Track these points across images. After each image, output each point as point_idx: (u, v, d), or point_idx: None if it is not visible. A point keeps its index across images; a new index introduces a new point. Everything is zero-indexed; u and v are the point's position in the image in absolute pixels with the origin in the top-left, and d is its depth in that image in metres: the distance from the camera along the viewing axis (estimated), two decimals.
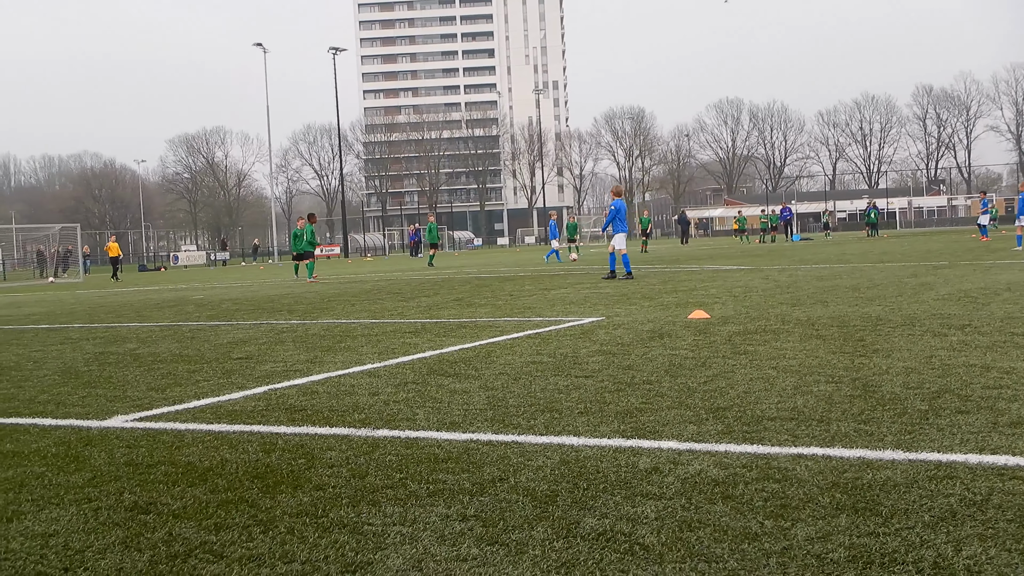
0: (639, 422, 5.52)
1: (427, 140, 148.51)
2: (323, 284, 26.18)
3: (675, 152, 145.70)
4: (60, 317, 17.67)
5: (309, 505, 4.14)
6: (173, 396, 7.34)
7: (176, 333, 12.84)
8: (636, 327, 10.57)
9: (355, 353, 9.49)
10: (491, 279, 23.88)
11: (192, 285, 32.10)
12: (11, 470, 5.09)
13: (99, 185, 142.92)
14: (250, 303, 18.84)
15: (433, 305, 15.65)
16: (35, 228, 76.74)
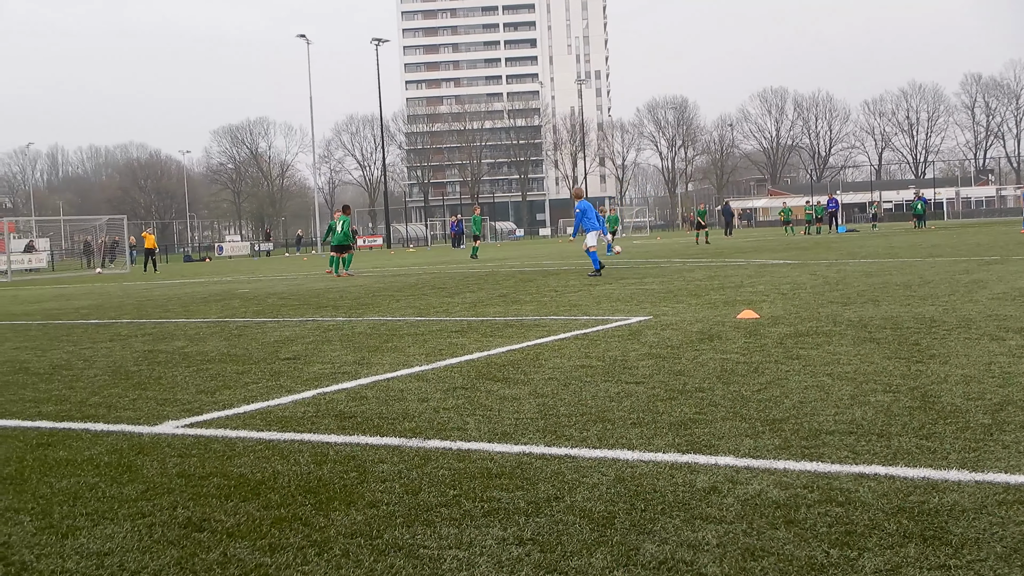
0: (694, 435, 5.43)
1: (469, 130, 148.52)
2: (364, 278, 26.23)
3: (718, 142, 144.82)
4: (109, 311, 17.82)
5: (363, 524, 4.10)
6: (223, 400, 7.35)
7: (223, 330, 12.89)
8: (684, 327, 10.45)
9: (402, 354, 9.46)
10: (534, 273, 23.80)
11: (237, 277, 32.32)
12: (65, 480, 5.10)
13: (145, 175, 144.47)
14: (295, 297, 18.90)
15: (478, 301, 15.60)
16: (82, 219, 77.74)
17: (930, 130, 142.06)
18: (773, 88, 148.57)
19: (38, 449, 5.90)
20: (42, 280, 42.55)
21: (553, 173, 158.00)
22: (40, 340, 12.79)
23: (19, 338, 13.27)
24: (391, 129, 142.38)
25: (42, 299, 24.05)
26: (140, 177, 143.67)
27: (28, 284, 37.55)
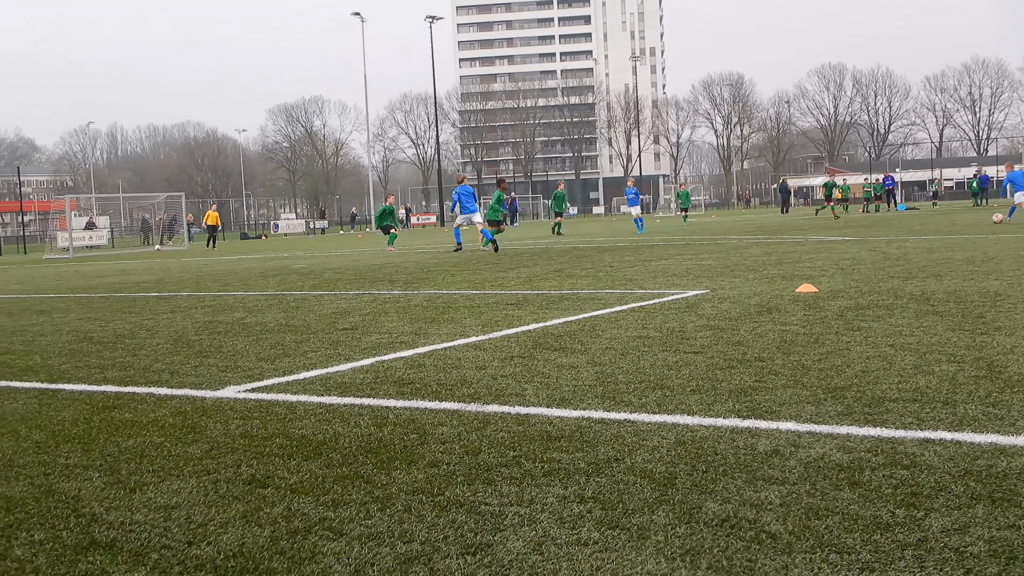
0: (754, 401, 5.39)
1: (522, 108, 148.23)
2: (419, 254, 26.33)
3: (775, 119, 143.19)
4: (169, 285, 18.08)
5: (424, 483, 4.13)
6: (283, 367, 7.43)
7: (281, 302, 13.03)
8: (742, 301, 10.37)
9: (459, 325, 9.49)
10: (589, 249, 23.74)
11: (293, 254, 32.62)
12: (131, 439, 5.19)
13: (202, 154, 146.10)
14: (351, 272, 19.04)
15: (533, 276, 15.61)
16: (141, 196, 78.88)
17: (993, 106, 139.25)
18: (831, 64, 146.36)
19: (104, 411, 6.01)
20: (102, 256, 43.26)
21: (607, 151, 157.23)
22: (103, 311, 13.01)
23: (83, 309, 13.51)
24: (445, 107, 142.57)
25: (103, 274, 24.46)
26: (197, 156, 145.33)
27: (89, 260, 38.20)
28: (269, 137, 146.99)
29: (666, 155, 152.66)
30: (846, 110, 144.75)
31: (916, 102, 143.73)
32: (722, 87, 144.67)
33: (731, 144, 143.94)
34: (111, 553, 3.45)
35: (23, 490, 4.31)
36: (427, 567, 3.19)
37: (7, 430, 5.59)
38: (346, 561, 3.27)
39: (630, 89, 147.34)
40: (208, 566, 3.29)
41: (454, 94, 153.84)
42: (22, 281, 22.94)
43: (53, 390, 6.88)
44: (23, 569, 3.34)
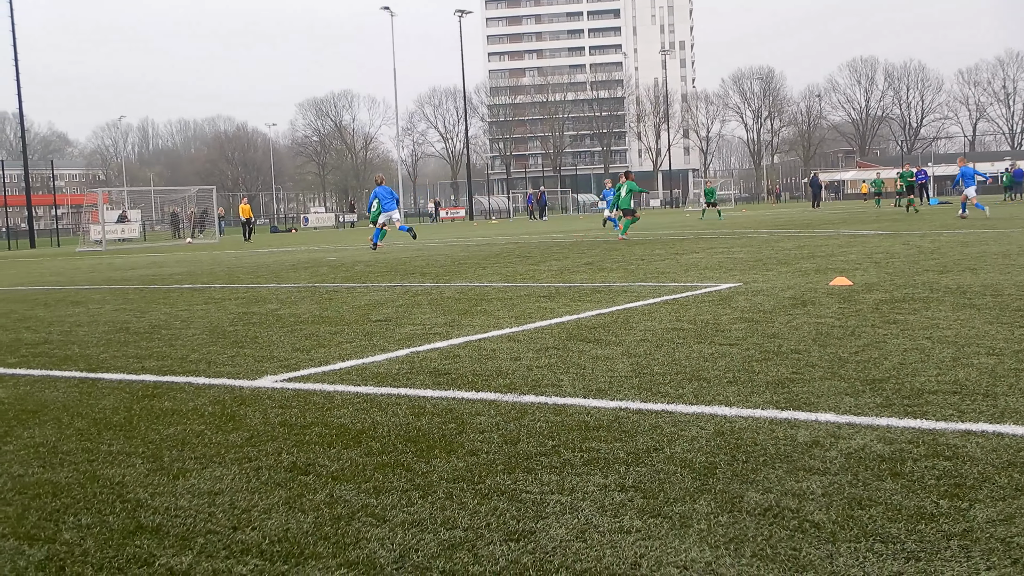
0: (792, 393, 5.38)
1: (551, 102, 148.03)
2: (449, 247, 26.38)
3: (806, 113, 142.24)
4: (201, 277, 18.22)
5: (464, 471, 4.15)
6: (318, 357, 7.47)
7: (314, 294, 13.09)
8: (776, 294, 10.33)
9: (492, 317, 9.51)
10: (619, 243, 23.70)
11: (323, 246, 32.75)
12: (172, 427, 5.25)
13: (232, 148, 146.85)
14: (382, 265, 19.11)
15: (564, 269, 15.61)
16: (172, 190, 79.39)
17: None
18: (863, 57, 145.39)
19: (144, 400, 6.07)
20: (135, 249, 43.60)
21: (636, 145, 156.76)
22: (138, 303, 13.13)
23: (118, 301, 13.63)
24: (473, 101, 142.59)
25: (137, 266, 24.65)
26: (227, 150, 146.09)
27: (122, 253, 38.51)
28: (299, 131, 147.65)
29: (695, 149, 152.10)
30: (878, 104, 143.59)
31: (949, 96, 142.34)
32: (752, 81, 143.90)
33: (761, 138, 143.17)
34: (158, 537, 3.50)
35: (68, 476, 4.37)
36: (471, 553, 3.21)
37: (50, 418, 5.66)
38: (390, 547, 3.29)
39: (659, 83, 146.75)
40: (254, 550, 3.32)
41: (483, 88, 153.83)
42: (57, 273, 23.17)
43: (93, 379, 6.96)
44: (72, 552, 3.39)
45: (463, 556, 3.18)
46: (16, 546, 3.48)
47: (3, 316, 12.11)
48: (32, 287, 18.02)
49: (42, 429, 5.36)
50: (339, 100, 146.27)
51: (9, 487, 4.23)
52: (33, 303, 13.99)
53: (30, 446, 4.97)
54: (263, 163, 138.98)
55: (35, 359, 8.12)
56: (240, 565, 3.20)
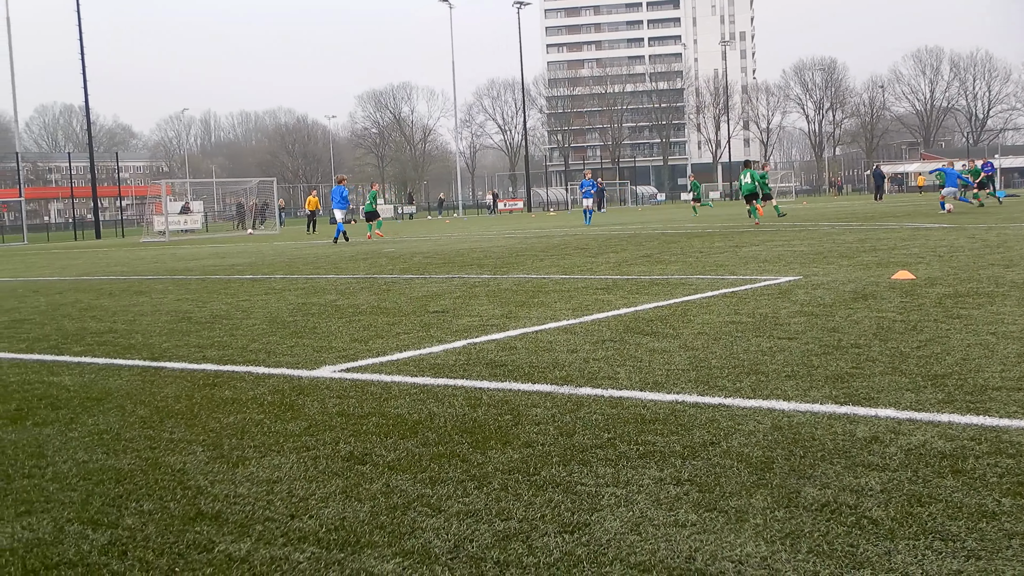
0: (851, 388, 5.32)
1: (610, 94, 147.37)
2: (505, 239, 26.41)
3: (868, 104, 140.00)
4: (262, 268, 18.43)
5: (520, 462, 4.16)
6: (376, 348, 7.53)
7: (372, 285, 13.19)
8: (837, 287, 10.21)
9: (549, 309, 9.51)
10: (678, 235, 23.57)
11: (382, 238, 32.95)
12: (232, 416, 5.32)
13: (292, 140, 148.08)
14: (440, 257, 19.19)
15: (622, 261, 15.56)
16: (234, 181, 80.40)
17: None
18: (928, 47, 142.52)
19: (205, 389, 6.16)
20: (197, 240, 44.24)
21: (695, 137, 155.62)
22: (200, 293, 13.32)
23: (180, 291, 13.85)
24: (532, 93, 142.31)
25: (198, 257, 25.01)
26: (288, 142, 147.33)
27: (184, 243, 39.10)
28: (358, 123, 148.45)
29: (756, 141, 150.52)
30: (943, 95, 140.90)
31: (1017, 86, 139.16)
32: (814, 72, 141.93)
33: (823, 130, 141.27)
34: (217, 524, 3.55)
35: (131, 463, 4.45)
36: (525, 544, 3.22)
37: (113, 405, 5.77)
38: (445, 537, 3.32)
39: (719, 74, 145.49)
40: (311, 538, 3.36)
41: (541, 80, 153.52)
42: (121, 263, 23.59)
43: (155, 368, 7.08)
44: (134, 537, 3.45)
45: (517, 547, 3.20)
46: (80, 531, 3.56)
47: (69, 305, 12.36)
48: (98, 277, 18.36)
49: (106, 416, 5.47)
50: (398, 92, 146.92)
51: (74, 473, 4.32)
52: (98, 293, 14.26)
53: (94, 433, 5.08)
54: (323, 155, 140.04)
55: (100, 348, 8.28)
56: (297, 552, 3.24)
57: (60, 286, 16.16)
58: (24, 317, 11.11)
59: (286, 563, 3.15)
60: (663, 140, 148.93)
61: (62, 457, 4.61)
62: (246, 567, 3.13)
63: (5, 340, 9.10)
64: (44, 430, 5.20)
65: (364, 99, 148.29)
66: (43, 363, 7.57)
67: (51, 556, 3.31)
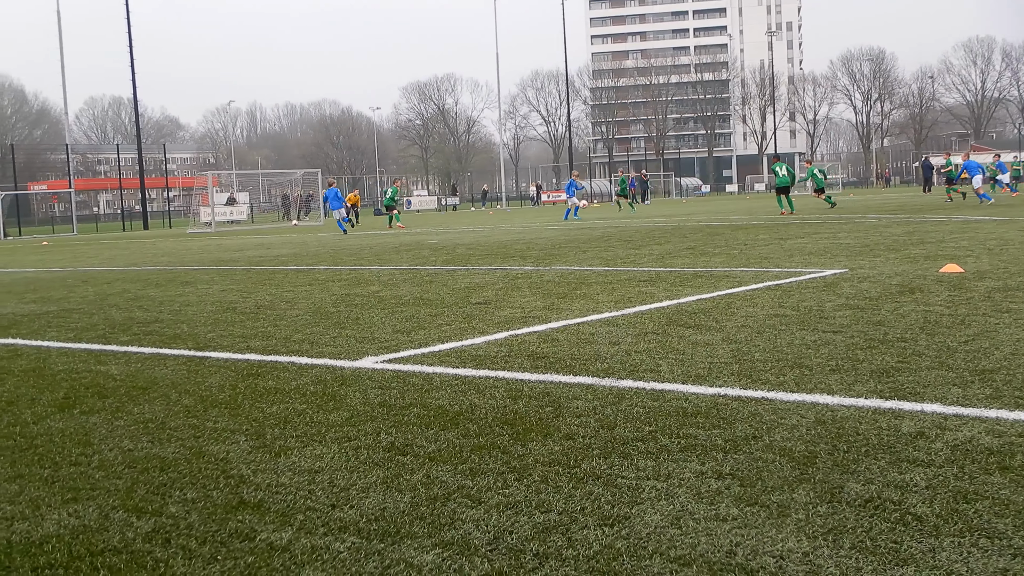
0: (897, 382, 5.25)
1: (655, 85, 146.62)
2: (549, 231, 26.38)
3: (917, 95, 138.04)
4: (306, 259, 18.56)
5: (560, 454, 4.15)
6: (418, 339, 7.55)
7: (415, 276, 13.23)
8: (883, 280, 10.09)
9: (591, 301, 9.49)
10: (722, 227, 23.42)
11: (425, 229, 33.07)
12: (275, 406, 5.36)
13: (337, 132, 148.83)
14: (483, 248, 19.21)
15: (665, 253, 15.48)
16: (279, 173, 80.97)
17: None
18: (979, 37, 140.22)
19: (249, 379, 6.22)
20: (242, 231, 44.63)
21: (741, 128, 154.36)
22: (245, 283, 13.44)
23: (226, 281, 13.98)
24: (576, 84, 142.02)
25: (244, 248, 25.24)
26: (333, 133, 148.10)
27: (230, 234, 39.46)
28: (402, 115, 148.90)
29: (802, 133, 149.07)
30: (994, 85, 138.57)
31: None
32: (862, 62, 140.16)
33: (871, 121, 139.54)
34: (259, 513, 3.58)
35: (175, 451, 4.50)
36: (565, 536, 3.21)
37: (159, 394, 5.83)
38: (485, 528, 3.32)
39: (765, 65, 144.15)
40: (351, 528, 3.38)
41: (586, 71, 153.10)
42: (168, 253, 23.85)
43: (200, 357, 7.15)
44: (177, 525, 3.49)
45: (557, 539, 3.19)
46: (125, 518, 3.60)
47: (117, 295, 12.51)
48: (145, 267, 18.58)
49: (151, 405, 5.53)
50: (442, 84, 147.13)
51: (119, 461, 4.37)
52: (145, 283, 14.43)
53: (140, 422, 5.14)
54: (367, 146, 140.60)
55: (146, 337, 8.37)
56: (338, 542, 3.25)
57: (108, 276, 16.37)
58: (73, 307, 11.26)
59: (327, 552, 3.17)
60: (708, 131, 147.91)
61: (108, 445, 4.67)
62: (287, 556, 3.16)
63: (54, 329, 9.24)
64: (91, 418, 5.27)
65: (408, 91, 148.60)
66: (91, 352, 7.68)
67: (96, 543, 3.35)
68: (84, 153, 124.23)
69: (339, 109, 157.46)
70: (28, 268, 20.67)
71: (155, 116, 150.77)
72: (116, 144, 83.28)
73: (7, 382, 6.48)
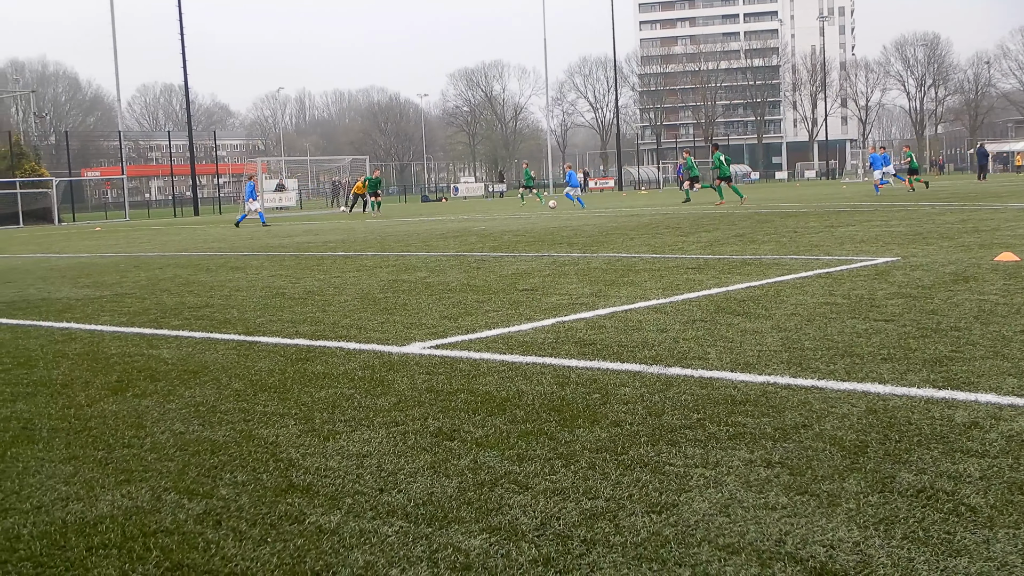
0: (950, 372, 5.17)
1: (704, 71, 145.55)
2: (597, 218, 26.31)
3: (973, 81, 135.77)
4: (354, 245, 18.66)
5: (608, 441, 4.14)
6: (465, 325, 7.57)
7: (462, 263, 13.26)
8: (936, 269, 9.94)
9: (639, 288, 9.45)
10: (772, 215, 23.21)
11: (473, 216, 33.11)
12: (324, 391, 5.40)
13: (385, 118, 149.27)
14: (530, 235, 19.20)
15: (714, 241, 15.38)
16: (327, 159, 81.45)
17: None
18: None
19: (297, 363, 6.26)
20: (292, 217, 44.95)
21: (791, 115, 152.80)
22: (294, 269, 13.54)
23: (275, 267, 14.10)
24: (624, 71, 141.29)
25: (293, 234, 25.43)
26: (380, 120, 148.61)
27: (279, 220, 39.76)
28: (450, 102, 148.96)
29: (854, 119, 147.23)
30: None
31: None
32: (916, 47, 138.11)
33: (924, 107, 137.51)
34: (308, 496, 3.61)
35: (226, 434, 4.55)
36: (612, 523, 3.20)
37: (209, 378, 5.90)
38: (532, 514, 3.32)
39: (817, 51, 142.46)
40: (399, 512, 3.39)
41: (634, 57, 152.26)
42: (218, 239, 24.09)
43: (250, 342, 7.22)
44: (228, 508, 3.53)
45: (604, 526, 3.18)
46: (177, 500, 3.64)
47: (169, 280, 12.67)
48: (195, 253, 18.79)
49: (202, 389, 5.60)
50: (489, 70, 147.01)
51: (171, 444, 4.43)
52: (196, 268, 14.59)
53: (191, 405, 5.20)
54: (415, 133, 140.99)
55: (197, 322, 8.47)
56: (386, 526, 3.27)
57: (160, 261, 16.58)
58: (126, 291, 11.42)
59: (375, 536, 3.19)
60: (757, 118, 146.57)
61: (160, 428, 4.72)
62: (336, 539, 3.18)
63: (108, 314, 9.37)
64: (143, 401, 5.34)
65: (456, 77, 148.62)
66: (143, 336, 7.78)
67: (149, 524, 3.40)
68: (136, 140, 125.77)
69: (387, 96, 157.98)
70: (82, 253, 20.99)
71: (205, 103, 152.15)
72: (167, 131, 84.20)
73: (62, 365, 6.59)
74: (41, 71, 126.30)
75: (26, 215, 51.91)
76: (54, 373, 6.30)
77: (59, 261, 18.38)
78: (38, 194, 53.67)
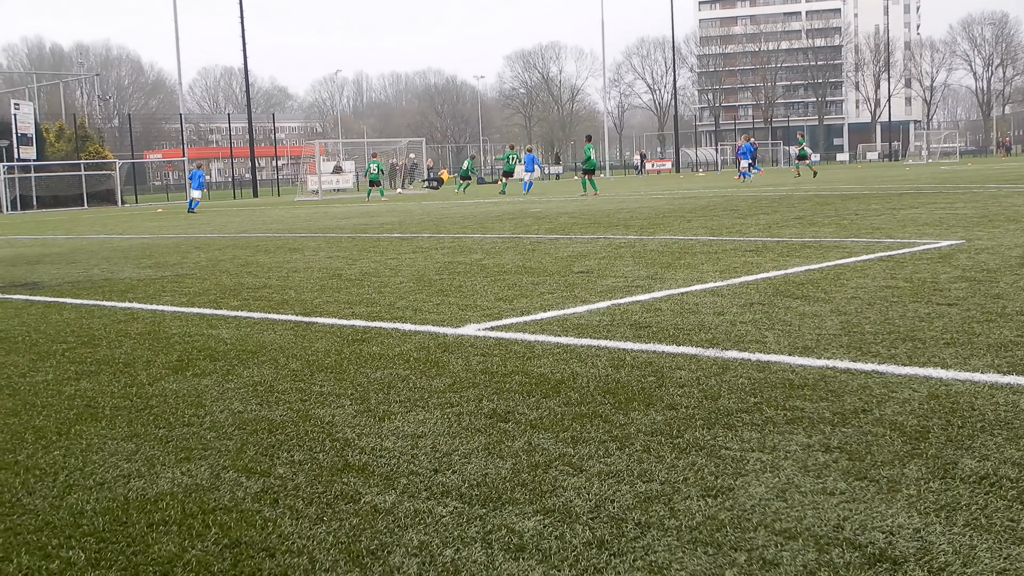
0: (1016, 357, 5.07)
1: (764, 52, 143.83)
2: (652, 199, 26.14)
3: None
4: (410, 227, 18.73)
5: (663, 424, 4.11)
6: (520, 307, 7.56)
7: (517, 245, 13.25)
8: (1003, 252, 9.74)
9: (695, 271, 9.37)
10: (832, 197, 22.89)
11: (528, 198, 33.07)
12: (379, 371, 5.43)
13: (441, 101, 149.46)
14: (586, 217, 19.13)
15: (772, 223, 15.21)
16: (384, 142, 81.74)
17: None
18: None
19: (354, 344, 6.30)
20: (348, 199, 45.24)
21: (853, 95, 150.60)
22: (350, 251, 13.63)
23: (332, 248, 14.20)
24: (683, 52, 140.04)
25: (350, 216, 25.59)
26: (437, 102, 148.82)
27: (336, 202, 40.05)
28: (506, 84, 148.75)
29: (918, 100, 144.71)
30: None
31: None
32: (983, 27, 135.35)
33: (991, 88, 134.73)
34: (363, 476, 3.63)
35: (283, 414, 4.59)
36: (667, 507, 3.18)
37: (268, 359, 5.95)
38: (586, 496, 3.31)
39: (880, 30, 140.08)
40: (453, 493, 3.40)
41: (692, 38, 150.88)
42: (277, 221, 24.33)
43: (307, 323, 7.27)
44: (285, 486, 3.56)
45: (659, 509, 3.16)
46: (235, 478, 3.68)
47: (228, 261, 12.82)
48: (254, 234, 18.99)
49: (260, 369, 5.65)
50: (546, 52, 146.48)
51: (230, 423, 4.48)
52: (255, 249, 14.75)
53: (249, 385, 5.25)
54: (471, 115, 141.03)
55: (255, 302, 8.56)
56: (440, 507, 3.28)
57: (219, 243, 16.78)
58: (186, 272, 11.58)
59: (429, 516, 3.20)
60: (819, 99, 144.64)
61: (219, 407, 4.78)
62: (391, 519, 3.19)
63: (168, 294, 9.50)
64: (203, 381, 5.41)
65: (512, 59, 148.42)
66: (203, 316, 7.88)
67: (208, 501, 3.44)
68: (197, 122, 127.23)
69: (443, 78, 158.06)
70: (144, 235, 21.31)
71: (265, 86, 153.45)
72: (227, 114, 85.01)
73: (124, 344, 6.69)
74: (105, 55, 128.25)
75: (90, 196, 52.91)
76: (117, 352, 6.41)
77: (122, 242, 18.69)
78: (102, 176, 54.64)
